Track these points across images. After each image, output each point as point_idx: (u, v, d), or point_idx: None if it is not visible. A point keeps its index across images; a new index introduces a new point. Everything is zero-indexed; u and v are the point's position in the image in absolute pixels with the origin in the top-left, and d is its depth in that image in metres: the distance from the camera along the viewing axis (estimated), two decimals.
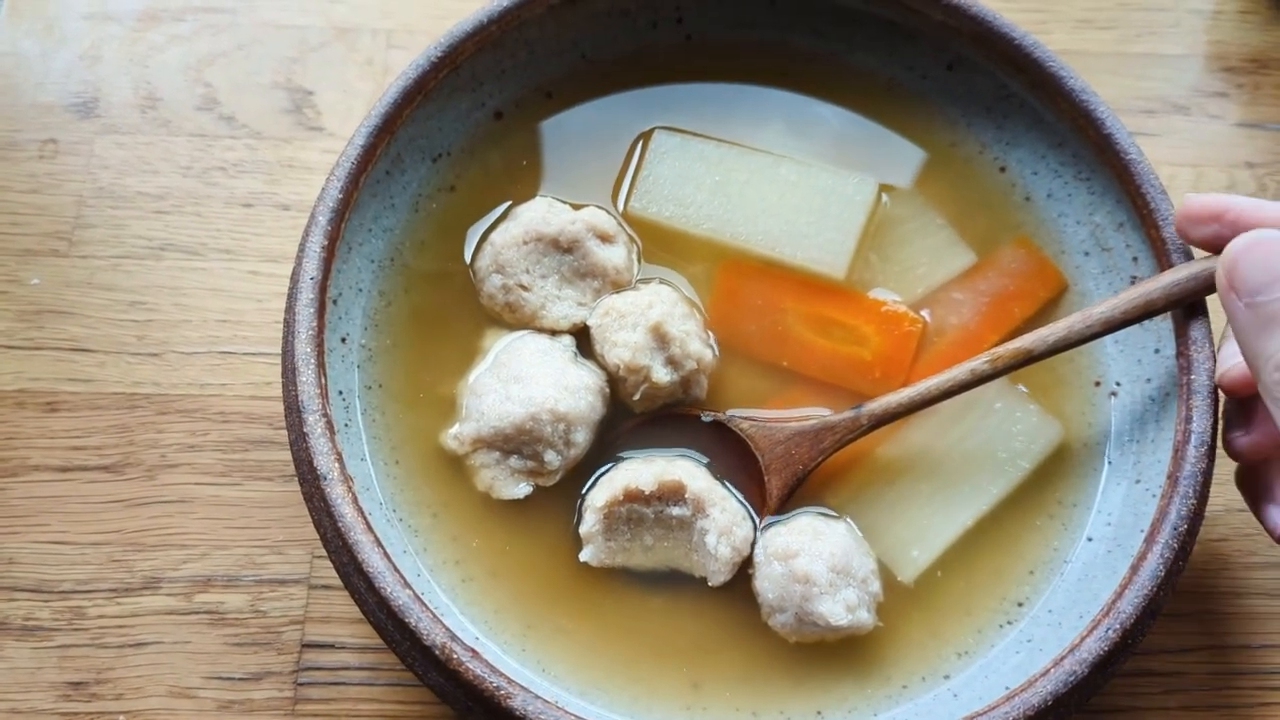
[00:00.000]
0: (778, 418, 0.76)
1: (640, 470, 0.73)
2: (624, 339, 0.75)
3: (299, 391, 0.68)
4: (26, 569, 0.81)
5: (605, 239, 0.80)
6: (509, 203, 0.82)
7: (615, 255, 0.79)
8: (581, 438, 0.74)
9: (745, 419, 0.76)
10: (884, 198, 0.83)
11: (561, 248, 0.78)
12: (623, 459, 0.76)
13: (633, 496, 0.72)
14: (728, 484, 0.75)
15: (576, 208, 0.80)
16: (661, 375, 0.75)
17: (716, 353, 0.79)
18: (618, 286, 0.79)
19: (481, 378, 0.76)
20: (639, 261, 0.82)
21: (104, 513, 0.83)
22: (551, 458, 0.73)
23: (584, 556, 0.72)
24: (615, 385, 0.77)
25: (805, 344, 0.79)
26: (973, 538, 0.75)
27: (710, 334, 0.79)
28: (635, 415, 0.77)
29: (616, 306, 0.77)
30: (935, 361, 0.78)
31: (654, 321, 0.75)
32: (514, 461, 0.74)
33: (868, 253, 0.82)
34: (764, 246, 0.81)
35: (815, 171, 0.83)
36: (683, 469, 0.73)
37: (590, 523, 0.72)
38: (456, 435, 0.75)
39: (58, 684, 0.79)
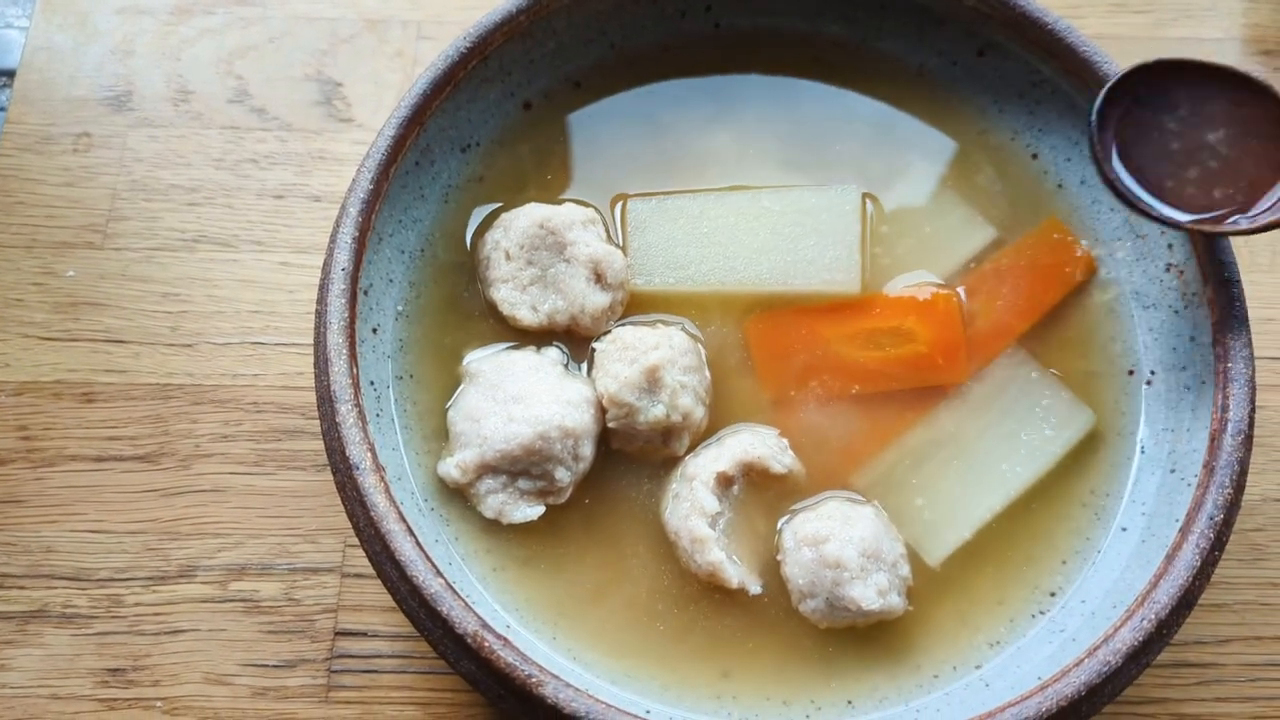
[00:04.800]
0: None
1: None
2: (617, 371, 0.74)
3: (331, 382, 0.69)
4: (64, 557, 0.83)
5: (587, 226, 0.79)
6: (499, 205, 0.82)
7: (594, 246, 0.78)
8: (588, 451, 0.73)
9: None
10: (868, 204, 0.82)
11: (546, 245, 0.77)
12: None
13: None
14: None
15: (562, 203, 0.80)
16: (641, 419, 0.73)
17: (706, 413, 0.76)
18: (600, 276, 0.77)
19: (472, 401, 0.74)
20: (623, 247, 0.80)
21: (140, 502, 0.84)
22: (562, 475, 0.72)
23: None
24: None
25: (862, 363, 0.78)
26: (1004, 527, 0.75)
27: (708, 394, 0.77)
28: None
29: (624, 338, 0.76)
30: (975, 344, 0.78)
31: (652, 363, 0.73)
32: (522, 483, 0.72)
33: (873, 250, 0.81)
34: (773, 283, 0.79)
35: (796, 194, 0.81)
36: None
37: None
38: (458, 464, 0.72)
39: (96, 670, 0.80)
